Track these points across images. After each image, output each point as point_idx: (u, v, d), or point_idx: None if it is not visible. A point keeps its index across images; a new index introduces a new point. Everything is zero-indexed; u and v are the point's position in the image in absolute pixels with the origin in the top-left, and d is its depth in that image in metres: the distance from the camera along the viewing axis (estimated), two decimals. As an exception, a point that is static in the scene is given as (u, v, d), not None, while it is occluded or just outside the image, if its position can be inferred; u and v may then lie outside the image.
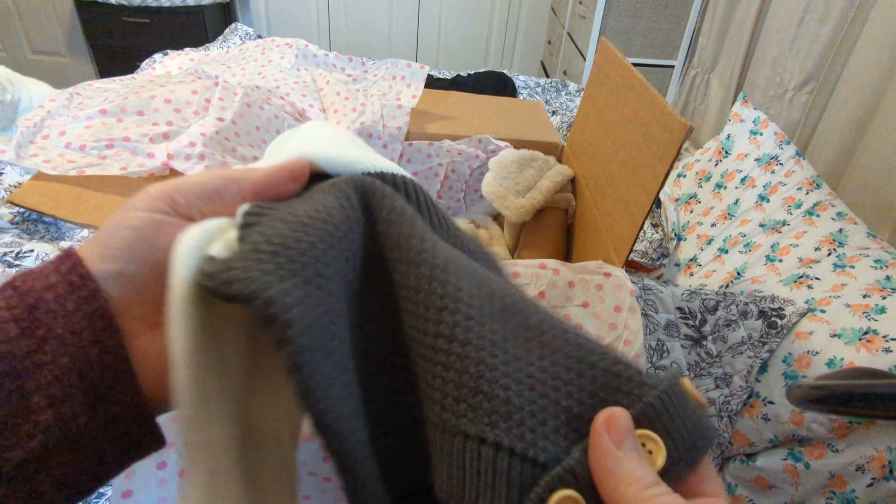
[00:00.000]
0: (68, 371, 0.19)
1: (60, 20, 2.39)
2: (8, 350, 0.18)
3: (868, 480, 0.58)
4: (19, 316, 0.19)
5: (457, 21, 2.65)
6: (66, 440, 0.19)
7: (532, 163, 0.77)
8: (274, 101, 0.82)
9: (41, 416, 0.18)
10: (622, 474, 0.17)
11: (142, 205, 0.22)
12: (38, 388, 0.18)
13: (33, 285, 0.19)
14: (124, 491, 0.36)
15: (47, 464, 0.18)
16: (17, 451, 0.18)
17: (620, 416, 0.19)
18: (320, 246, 0.20)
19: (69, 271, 0.20)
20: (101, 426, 0.19)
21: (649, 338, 0.71)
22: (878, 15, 0.96)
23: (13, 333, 0.18)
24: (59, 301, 0.19)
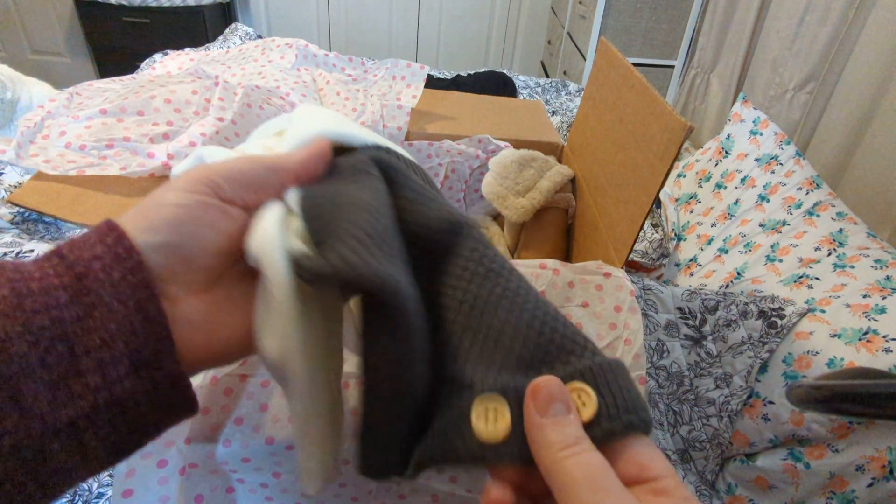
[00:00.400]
0: (115, 337, 0.20)
1: (60, 20, 2.39)
2: (59, 315, 0.19)
3: (868, 480, 0.58)
4: (68, 283, 0.20)
5: (457, 21, 2.65)
6: (111, 401, 0.20)
7: (532, 163, 0.77)
8: (274, 101, 0.82)
9: (90, 378, 0.19)
10: (543, 440, 0.19)
11: (186, 185, 0.23)
12: (87, 351, 0.19)
13: (80, 255, 0.20)
14: (124, 490, 0.36)
15: (94, 422, 0.20)
16: (69, 408, 0.19)
17: (545, 384, 0.21)
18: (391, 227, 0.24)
19: (115, 243, 0.21)
20: (143, 390, 0.21)
21: (649, 338, 0.71)
22: (878, 15, 0.96)
23: (63, 300, 0.19)
24: (107, 271, 0.20)
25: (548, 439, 0.19)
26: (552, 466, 0.19)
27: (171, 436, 0.37)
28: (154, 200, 0.23)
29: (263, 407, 0.40)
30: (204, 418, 0.38)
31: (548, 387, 0.20)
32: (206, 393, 0.39)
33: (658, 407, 0.75)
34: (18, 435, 0.18)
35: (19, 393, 0.18)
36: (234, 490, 0.42)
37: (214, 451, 0.38)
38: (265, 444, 0.39)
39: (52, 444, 0.19)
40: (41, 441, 0.19)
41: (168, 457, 0.37)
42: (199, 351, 0.23)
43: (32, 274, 0.20)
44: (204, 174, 0.24)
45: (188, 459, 0.38)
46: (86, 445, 0.20)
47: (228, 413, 0.39)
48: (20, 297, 0.19)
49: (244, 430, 0.39)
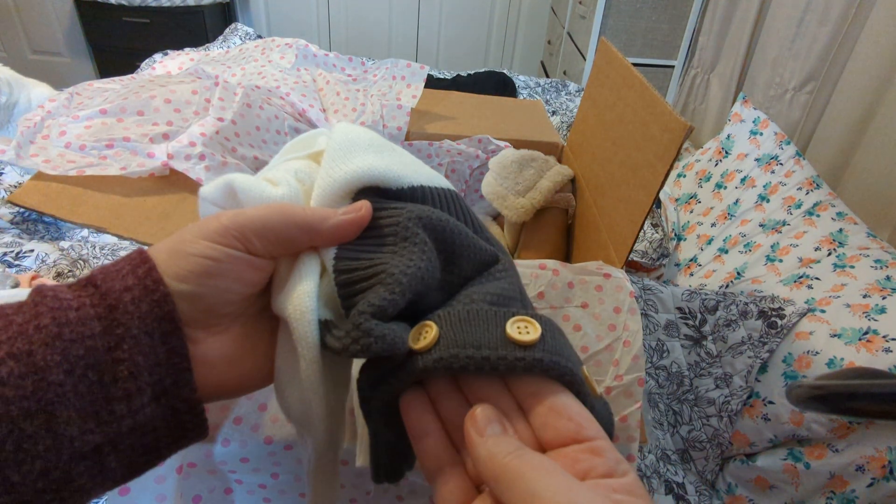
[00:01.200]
0: (141, 368, 0.21)
1: (60, 20, 2.39)
2: (93, 345, 0.20)
3: (868, 480, 0.58)
4: (102, 314, 0.21)
5: (457, 21, 2.65)
6: (134, 427, 0.21)
7: (532, 163, 0.77)
8: (274, 101, 0.82)
9: (117, 406, 0.20)
10: (487, 453, 0.20)
11: (215, 236, 0.23)
12: (116, 381, 0.20)
13: (112, 286, 0.21)
14: (121, 488, 0.36)
15: (117, 447, 0.21)
16: (97, 434, 0.20)
17: (480, 411, 0.22)
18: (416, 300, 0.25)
19: (145, 275, 0.22)
20: (162, 416, 0.22)
21: (649, 338, 0.71)
22: (878, 15, 0.96)
23: (97, 330, 0.20)
24: (136, 303, 0.21)
25: (491, 451, 0.20)
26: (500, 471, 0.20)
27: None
28: (184, 246, 0.23)
29: (262, 407, 0.40)
30: (203, 418, 0.38)
31: (483, 412, 0.22)
32: (206, 393, 0.39)
33: (658, 407, 0.75)
34: (49, 458, 0.19)
35: (54, 419, 0.19)
36: (233, 491, 0.42)
37: (213, 450, 0.38)
38: (264, 444, 0.39)
39: (78, 466, 0.20)
40: (69, 464, 0.19)
41: (166, 456, 0.37)
42: (214, 385, 0.24)
43: (70, 303, 0.21)
44: (236, 226, 0.24)
45: (186, 459, 0.38)
46: (106, 467, 0.21)
47: (227, 413, 0.39)
48: (60, 327, 0.20)
49: (243, 429, 0.39)
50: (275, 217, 0.25)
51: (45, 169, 0.66)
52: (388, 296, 0.23)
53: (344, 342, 0.23)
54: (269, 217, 0.25)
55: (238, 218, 0.24)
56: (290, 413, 0.26)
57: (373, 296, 0.24)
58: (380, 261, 0.25)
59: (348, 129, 0.30)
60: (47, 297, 0.21)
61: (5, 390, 0.18)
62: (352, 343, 0.22)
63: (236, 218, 0.24)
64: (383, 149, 0.30)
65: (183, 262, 0.23)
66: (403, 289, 0.24)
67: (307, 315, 0.24)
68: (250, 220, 0.24)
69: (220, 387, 0.25)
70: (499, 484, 0.20)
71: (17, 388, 0.19)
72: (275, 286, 0.26)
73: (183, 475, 0.39)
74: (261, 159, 0.76)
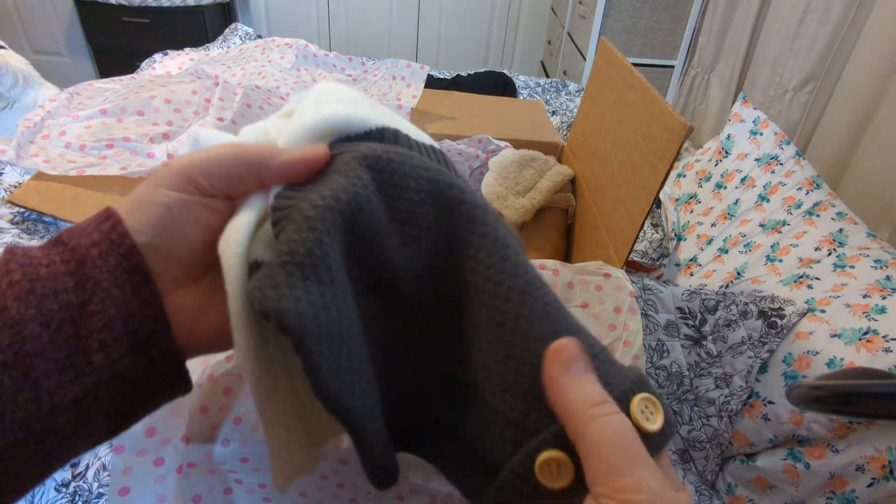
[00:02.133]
0: (114, 320, 0.21)
1: (60, 20, 2.39)
2: (66, 299, 0.20)
3: (868, 480, 0.58)
4: (72, 270, 0.21)
5: (457, 21, 2.65)
6: (113, 378, 0.21)
7: (532, 163, 0.77)
8: (274, 102, 0.82)
9: (94, 358, 0.21)
10: (570, 397, 0.19)
11: (167, 182, 0.23)
12: (91, 333, 0.21)
13: (80, 242, 0.22)
14: (121, 488, 0.36)
15: (98, 398, 0.21)
16: (76, 386, 0.20)
17: (566, 345, 0.21)
18: (326, 240, 0.22)
19: (110, 230, 0.22)
20: (142, 366, 0.22)
21: (649, 338, 0.71)
22: (878, 15, 0.96)
23: (69, 285, 0.21)
24: (103, 257, 0.21)
25: (575, 397, 0.19)
26: (580, 425, 0.19)
27: (167, 433, 0.37)
28: (140, 198, 0.23)
29: (262, 407, 0.40)
30: (202, 417, 0.38)
31: (569, 347, 0.21)
32: (205, 392, 0.39)
33: (658, 407, 0.75)
34: (30, 410, 0.19)
35: (33, 371, 0.19)
36: (232, 491, 0.42)
37: (213, 450, 0.38)
38: (264, 444, 0.39)
39: (60, 418, 0.20)
40: (50, 416, 0.20)
41: (164, 455, 0.37)
42: (193, 336, 0.24)
43: (41, 260, 0.21)
44: (184, 169, 0.23)
45: (186, 459, 0.38)
46: (89, 419, 0.21)
47: (227, 412, 0.39)
48: (32, 283, 0.20)
49: (243, 429, 0.39)
50: (223, 154, 0.24)
51: (45, 169, 0.66)
52: (295, 235, 0.21)
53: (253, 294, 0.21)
54: (217, 155, 0.24)
55: (185, 160, 0.24)
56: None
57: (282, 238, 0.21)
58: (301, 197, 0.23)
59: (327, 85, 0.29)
60: (17, 255, 0.21)
61: None
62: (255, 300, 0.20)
63: (183, 160, 0.24)
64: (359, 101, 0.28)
65: (139, 214, 0.23)
66: (313, 224, 0.21)
67: (233, 248, 0.23)
68: (196, 161, 0.24)
69: (197, 339, 0.24)
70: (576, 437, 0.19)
71: None
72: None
73: (183, 475, 0.39)
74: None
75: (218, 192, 0.24)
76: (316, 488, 0.43)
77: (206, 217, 0.24)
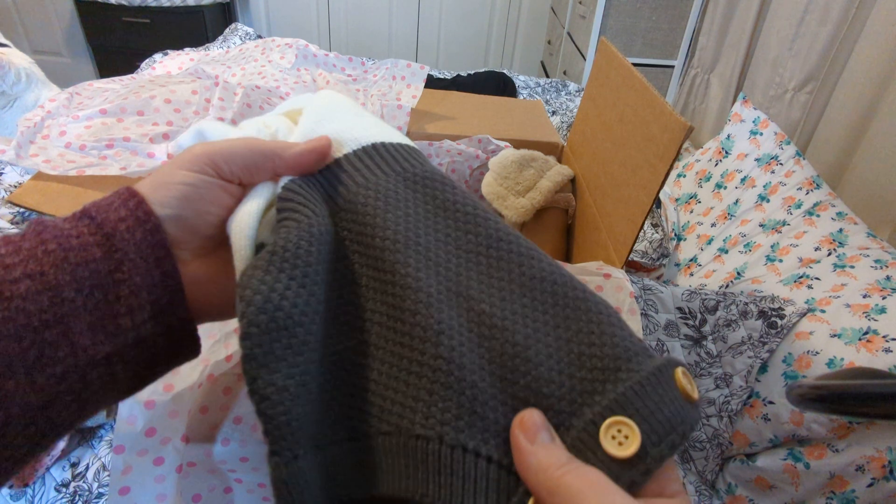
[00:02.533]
0: (139, 288, 0.24)
1: (60, 20, 2.39)
2: (97, 268, 0.23)
3: (868, 480, 0.58)
4: (100, 242, 0.23)
5: (457, 21, 2.65)
6: (138, 340, 0.24)
7: (532, 163, 0.77)
8: (274, 102, 0.82)
9: (122, 321, 0.23)
10: (538, 464, 0.20)
11: (189, 165, 0.27)
12: (119, 298, 0.23)
13: (108, 217, 0.24)
14: (121, 487, 0.36)
15: (124, 357, 0.24)
16: (107, 345, 0.23)
17: (530, 415, 0.22)
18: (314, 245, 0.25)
19: (136, 207, 0.25)
20: (161, 332, 0.25)
21: (649, 338, 0.71)
22: (878, 15, 0.96)
23: (98, 255, 0.23)
24: (130, 232, 0.24)
25: (542, 463, 0.20)
26: (553, 485, 0.20)
27: (167, 433, 0.37)
28: (163, 178, 0.26)
29: (262, 407, 0.40)
30: (202, 417, 0.38)
31: (532, 417, 0.22)
32: (205, 392, 0.39)
33: (658, 407, 0.75)
34: (67, 364, 0.22)
35: (70, 330, 0.22)
36: (232, 490, 0.42)
37: (212, 450, 0.38)
38: (263, 444, 0.39)
39: (92, 372, 0.23)
40: (84, 370, 0.22)
41: (164, 454, 0.37)
42: (203, 305, 0.27)
43: (70, 232, 0.23)
44: (206, 154, 0.27)
45: (186, 459, 0.38)
46: (116, 375, 0.24)
47: (227, 412, 0.39)
48: (65, 252, 0.22)
49: (243, 429, 0.39)
50: (242, 144, 0.28)
51: (45, 169, 0.66)
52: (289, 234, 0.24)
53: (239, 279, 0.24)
54: (237, 145, 0.28)
55: (207, 147, 0.27)
56: None
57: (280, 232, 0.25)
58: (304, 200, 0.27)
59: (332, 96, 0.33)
60: (48, 227, 0.23)
61: (26, 304, 0.21)
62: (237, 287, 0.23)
63: (205, 147, 0.27)
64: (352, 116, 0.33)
65: (165, 190, 0.26)
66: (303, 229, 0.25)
67: (244, 231, 0.26)
68: (218, 149, 0.27)
69: (210, 305, 0.27)
70: (552, 497, 0.19)
71: (35, 302, 0.21)
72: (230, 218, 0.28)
73: (182, 474, 0.39)
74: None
75: (235, 178, 0.28)
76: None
77: (222, 198, 0.27)
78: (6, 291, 0.21)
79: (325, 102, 0.33)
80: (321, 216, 0.27)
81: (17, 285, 0.21)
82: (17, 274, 0.21)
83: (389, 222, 0.27)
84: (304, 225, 0.25)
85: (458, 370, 0.23)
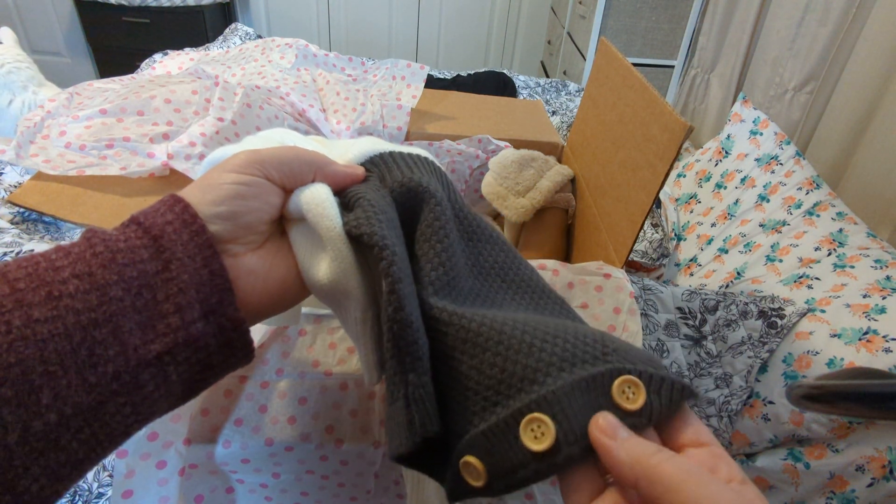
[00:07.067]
0: (188, 286, 0.24)
1: (60, 20, 2.39)
2: (144, 269, 0.24)
3: (868, 480, 0.58)
4: (148, 244, 0.24)
5: (457, 21, 2.65)
6: (188, 340, 0.24)
7: (532, 163, 0.77)
8: (274, 101, 0.82)
9: (171, 319, 0.24)
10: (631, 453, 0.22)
11: (239, 168, 0.28)
12: (168, 297, 0.24)
13: (155, 221, 0.25)
14: (124, 491, 0.36)
15: (175, 358, 0.24)
16: (157, 343, 0.23)
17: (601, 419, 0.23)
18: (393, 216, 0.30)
19: (182, 211, 0.25)
20: (211, 332, 0.25)
21: (649, 338, 0.71)
22: (878, 15, 0.96)
23: (146, 256, 0.24)
24: (177, 233, 0.25)
25: (635, 452, 0.22)
26: (652, 474, 0.21)
27: (169, 437, 0.37)
28: (212, 180, 0.27)
29: (262, 408, 0.40)
30: (204, 419, 0.38)
31: (606, 419, 0.23)
32: (206, 395, 0.39)
33: (658, 407, 0.74)
34: (118, 363, 0.22)
35: (119, 329, 0.22)
36: (234, 490, 0.42)
37: (214, 451, 0.38)
38: (265, 446, 0.39)
39: (144, 373, 0.23)
40: (136, 370, 0.22)
41: (167, 458, 0.37)
42: (261, 295, 0.28)
43: (118, 237, 0.24)
44: (254, 158, 0.29)
45: (188, 460, 0.38)
46: (168, 378, 0.24)
47: (228, 414, 0.39)
48: (113, 253, 0.23)
49: (244, 431, 0.39)
50: (289, 153, 0.30)
51: (45, 169, 0.66)
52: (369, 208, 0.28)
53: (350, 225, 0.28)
54: (285, 154, 0.30)
55: (256, 154, 0.29)
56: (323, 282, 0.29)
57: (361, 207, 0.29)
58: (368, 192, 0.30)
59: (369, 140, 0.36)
60: (98, 233, 0.24)
61: (74, 303, 0.21)
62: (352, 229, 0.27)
63: (255, 154, 0.29)
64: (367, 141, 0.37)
65: (216, 191, 0.27)
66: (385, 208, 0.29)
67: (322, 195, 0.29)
68: (268, 155, 0.29)
69: (266, 295, 0.28)
70: (651, 486, 0.21)
71: (84, 301, 0.22)
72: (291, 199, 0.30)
73: (185, 476, 0.39)
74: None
75: (279, 182, 0.29)
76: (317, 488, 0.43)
77: (269, 198, 0.29)
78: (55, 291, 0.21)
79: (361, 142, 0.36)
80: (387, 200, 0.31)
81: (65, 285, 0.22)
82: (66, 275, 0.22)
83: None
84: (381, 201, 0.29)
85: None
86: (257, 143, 0.33)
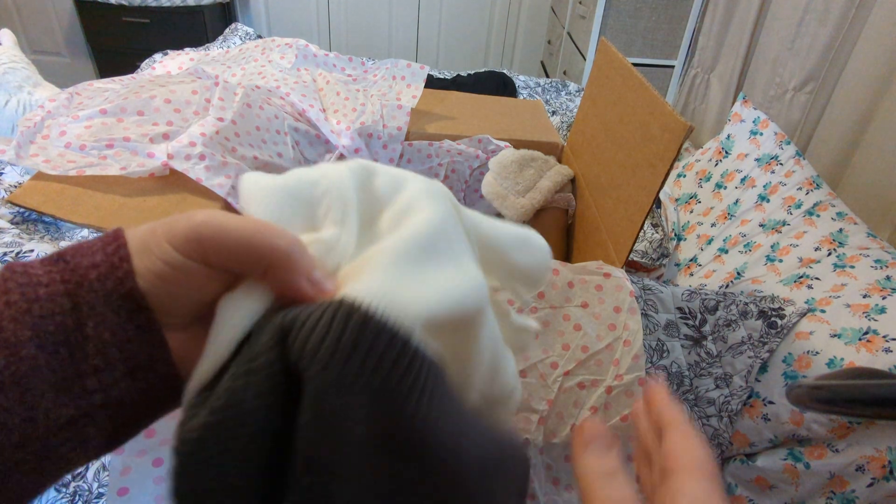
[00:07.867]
0: (109, 345, 0.21)
1: (60, 20, 2.39)
2: (63, 322, 0.20)
3: (868, 480, 0.58)
4: (71, 291, 0.21)
5: (457, 21, 2.65)
6: (109, 402, 0.21)
7: (532, 163, 0.77)
8: (274, 101, 0.82)
9: (87, 381, 0.21)
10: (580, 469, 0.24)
11: (176, 241, 0.22)
12: (85, 357, 0.21)
13: (81, 262, 0.21)
14: (120, 488, 0.36)
15: (94, 419, 0.21)
16: (70, 407, 0.20)
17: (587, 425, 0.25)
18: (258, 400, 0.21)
19: (113, 253, 0.22)
20: (139, 389, 0.22)
21: (649, 338, 0.71)
22: (878, 15, 0.96)
23: (67, 307, 0.20)
24: (101, 280, 0.21)
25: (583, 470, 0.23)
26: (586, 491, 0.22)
27: (166, 434, 0.37)
28: (151, 241, 0.22)
29: (263, 407, 0.40)
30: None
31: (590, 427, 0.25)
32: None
33: (658, 407, 0.74)
34: (26, 430, 0.19)
35: (28, 393, 0.19)
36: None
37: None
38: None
39: (56, 438, 0.20)
40: (47, 436, 0.20)
41: (164, 455, 0.37)
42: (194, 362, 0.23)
43: (41, 279, 0.21)
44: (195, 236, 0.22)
45: (187, 459, 0.38)
46: (85, 438, 0.21)
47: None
48: (29, 303, 0.20)
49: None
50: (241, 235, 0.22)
51: (45, 169, 0.66)
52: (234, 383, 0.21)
53: None
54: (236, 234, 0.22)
55: (198, 229, 0.22)
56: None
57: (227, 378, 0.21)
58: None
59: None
60: (17, 272, 0.21)
61: None
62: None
63: (197, 229, 0.22)
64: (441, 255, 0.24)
65: (145, 258, 0.22)
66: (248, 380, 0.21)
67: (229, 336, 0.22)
68: (213, 233, 0.22)
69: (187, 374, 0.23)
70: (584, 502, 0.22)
71: None
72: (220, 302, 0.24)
73: (183, 475, 0.39)
74: (261, 159, 0.76)
75: (221, 266, 0.23)
76: None
77: (206, 285, 0.23)
78: None
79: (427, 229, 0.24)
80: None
81: None
82: None
83: None
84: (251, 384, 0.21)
85: None
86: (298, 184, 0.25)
